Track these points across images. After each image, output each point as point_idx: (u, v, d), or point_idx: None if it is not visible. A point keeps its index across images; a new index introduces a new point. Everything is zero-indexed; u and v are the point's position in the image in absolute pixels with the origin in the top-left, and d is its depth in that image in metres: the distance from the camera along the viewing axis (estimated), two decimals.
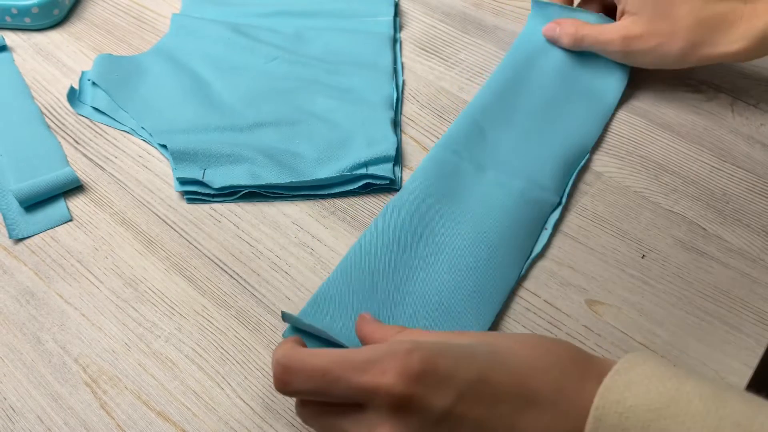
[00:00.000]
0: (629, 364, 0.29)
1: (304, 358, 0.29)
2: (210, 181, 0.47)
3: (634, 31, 0.50)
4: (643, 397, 0.27)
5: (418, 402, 0.27)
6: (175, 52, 0.57)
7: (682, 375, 0.28)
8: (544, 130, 0.51)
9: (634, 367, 0.29)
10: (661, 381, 0.28)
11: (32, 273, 0.43)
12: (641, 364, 0.29)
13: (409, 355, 0.27)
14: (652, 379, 0.28)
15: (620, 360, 0.29)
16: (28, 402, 0.38)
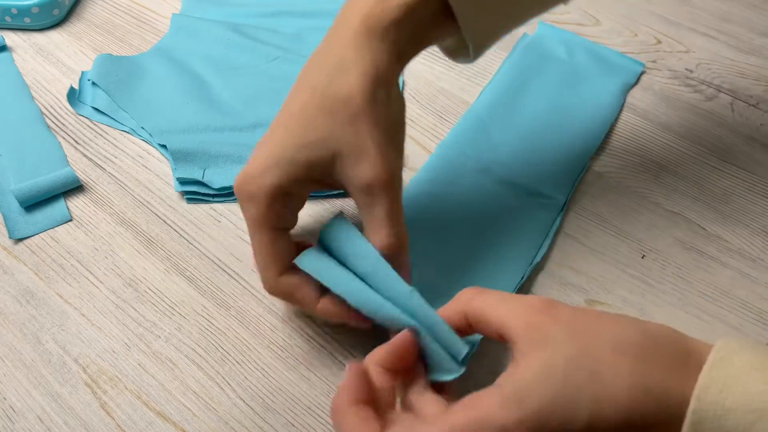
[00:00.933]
0: (724, 355, 0.27)
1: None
2: (210, 181, 0.47)
3: None
4: (742, 397, 0.25)
5: None
6: (175, 52, 0.57)
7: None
8: (549, 134, 0.51)
9: (730, 360, 0.27)
10: (762, 376, 0.26)
11: (32, 273, 0.43)
12: (737, 354, 0.27)
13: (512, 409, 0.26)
14: (751, 375, 0.26)
15: (713, 349, 0.27)
16: (27, 402, 0.38)
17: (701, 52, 0.60)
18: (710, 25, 0.63)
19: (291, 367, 0.39)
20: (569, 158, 0.49)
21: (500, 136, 0.51)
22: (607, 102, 0.54)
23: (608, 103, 0.54)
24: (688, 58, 0.60)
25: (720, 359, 0.27)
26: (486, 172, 0.48)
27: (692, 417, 0.26)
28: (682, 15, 0.64)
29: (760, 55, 0.60)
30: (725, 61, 0.59)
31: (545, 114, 0.53)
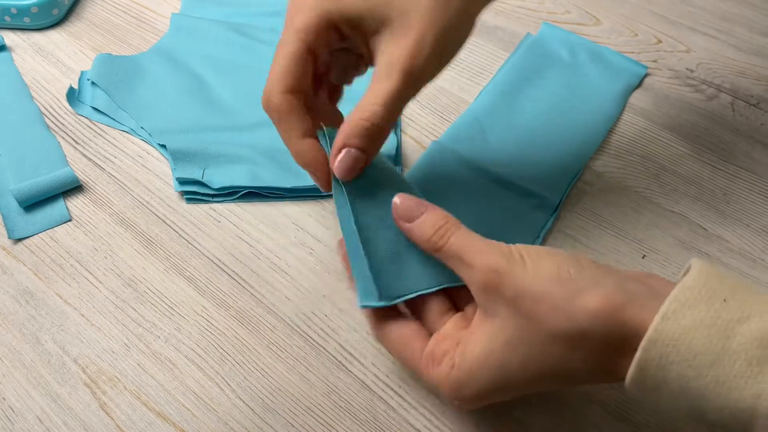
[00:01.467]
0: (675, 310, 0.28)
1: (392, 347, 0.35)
2: (209, 182, 0.47)
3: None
4: (685, 354, 0.27)
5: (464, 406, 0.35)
6: (174, 52, 0.57)
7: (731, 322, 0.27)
8: (547, 135, 0.51)
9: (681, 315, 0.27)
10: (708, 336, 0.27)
11: (31, 273, 0.43)
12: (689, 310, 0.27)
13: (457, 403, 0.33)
14: (698, 332, 0.27)
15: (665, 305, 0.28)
16: (27, 402, 0.38)
17: (702, 51, 0.60)
18: (711, 25, 0.63)
19: (291, 367, 0.39)
20: (566, 160, 0.49)
21: (496, 136, 0.51)
22: (608, 104, 0.54)
23: (609, 106, 0.54)
24: (688, 57, 0.60)
25: (671, 311, 0.27)
26: (479, 171, 0.48)
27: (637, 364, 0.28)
28: (682, 15, 0.64)
29: (761, 54, 0.60)
30: (726, 60, 0.59)
31: (544, 115, 0.53)
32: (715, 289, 0.28)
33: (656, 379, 0.27)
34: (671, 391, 0.27)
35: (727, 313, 0.27)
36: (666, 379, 0.27)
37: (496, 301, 0.31)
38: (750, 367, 0.26)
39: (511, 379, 0.31)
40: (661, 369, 0.27)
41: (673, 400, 0.28)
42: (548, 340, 0.30)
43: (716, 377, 0.26)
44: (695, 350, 0.27)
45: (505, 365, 0.31)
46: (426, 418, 0.37)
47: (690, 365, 0.27)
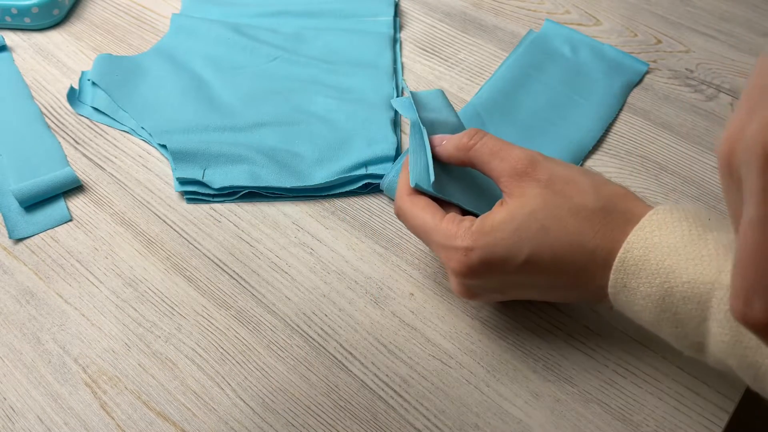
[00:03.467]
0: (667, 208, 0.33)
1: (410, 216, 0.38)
2: (210, 182, 0.47)
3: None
4: (666, 236, 0.32)
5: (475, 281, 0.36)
6: (174, 52, 0.57)
7: (711, 226, 0.32)
8: (546, 129, 0.51)
9: (670, 211, 0.33)
10: (689, 227, 0.32)
11: (32, 273, 0.43)
12: (678, 210, 0.33)
13: (467, 254, 0.35)
14: (681, 223, 0.32)
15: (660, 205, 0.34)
16: (27, 402, 0.38)
17: (701, 52, 0.60)
18: (710, 25, 0.63)
19: (291, 367, 0.39)
20: (565, 153, 0.49)
21: (497, 130, 0.51)
22: (607, 100, 0.54)
23: (608, 102, 0.54)
24: (688, 58, 0.60)
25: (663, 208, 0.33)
26: None
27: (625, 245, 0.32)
28: (682, 15, 0.64)
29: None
30: (725, 60, 0.59)
31: (543, 110, 0.53)
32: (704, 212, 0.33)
33: (638, 260, 0.32)
34: (648, 272, 0.31)
35: (708, 223, 0.32)
36: (646, 260, 0.32)
37: (529, 184, 0.35)
38: (717, 251, 0.30)
39: (525, 242, 0.34)
40: (645, 249, 0.32)
41: (648, 282, 0.31)
42: (572, 212, 0.34)
43: (688, 255, 0.31)
44: (675, 234, 0.32)
45: (523, 228, 0.34)
46: (426, 417, 0.37)
47: (667, 245, 0.31)
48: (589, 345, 0.40)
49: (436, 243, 0.37)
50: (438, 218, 0.37)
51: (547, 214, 0.34)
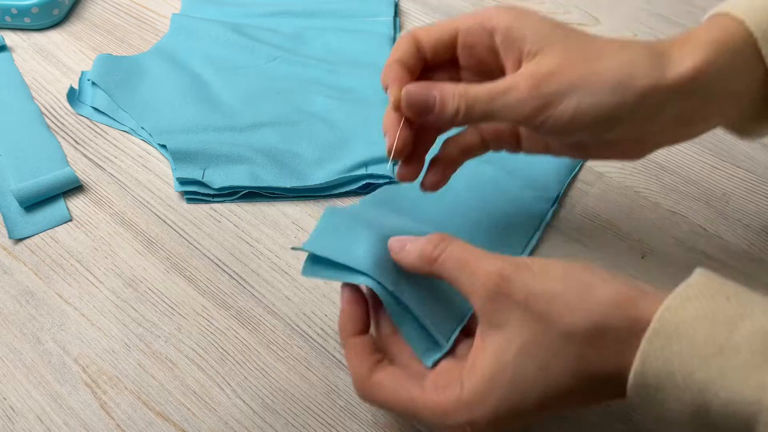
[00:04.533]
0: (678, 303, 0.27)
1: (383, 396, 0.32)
2: (210, 182, 0.47)
3: (544, 66, 0.32)
4: (688, 345, 0.26)
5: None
6: (175, 52, 0.57)
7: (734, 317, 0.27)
8: None
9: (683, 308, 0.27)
10: (711, 327, 0.26)
11: (32, 273, 0.43)
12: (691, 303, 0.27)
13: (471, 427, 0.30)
14: (701, 324, 0.27)
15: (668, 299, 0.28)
16: (27, 402, 0.38)
17: None
18: None
19: (291, 367, 0.39)
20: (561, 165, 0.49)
21: None
22: None
23: None
24: None
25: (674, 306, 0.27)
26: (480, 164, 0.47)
27: (640, 357, 0.27)
28: (682, 15, 0.64)
29: None
30: None
31: None
32: (717, 289, 0.28)
33: (659, 373, 0.27)
34: (675, 386, 0.26)
35: (730, 309, 0.27)
36: (670, 372, 0.26)
37: (506, 307, 0.30)
38: (754, 358, 0.25)
39: (528, 392, 0.29)
40: (665, 361, 0.27)
41: (677, 398, 0.27)
42: (565, 340, 0.29)
43: (720, 368, 0.26)
44: (699, 341, 0.26)
45: (520, 377, 0.29)
46: None
47: (694, 355, 0.26)
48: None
49: (427, 424, 0.32)
50: (415, 392, 0.31)
51: (539, 348, 0.29)
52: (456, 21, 0.35)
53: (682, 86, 0.32)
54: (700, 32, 0.33)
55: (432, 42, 0.36)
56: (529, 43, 0.33)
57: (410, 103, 0.34)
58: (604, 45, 0.33)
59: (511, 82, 0.32)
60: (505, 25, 0.33)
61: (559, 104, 0.32)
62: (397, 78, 0.35)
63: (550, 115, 0.32)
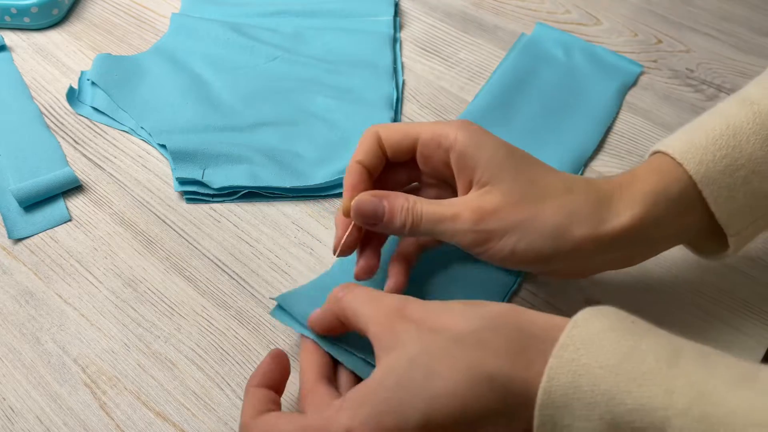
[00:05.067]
0: (587, 317, 0.28)
1: None
2: (209, 182, 0.47)
3: (488, 202, 0.34)
4: (595, 355, 0.26)
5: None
6: (174, 52, 0.57)
7: (639, 332, 0.27)
8: (544, 136, 0.51)
9: (591, 321, 0.28)
10: (617, 338, 0.27)
11: (31, 273, 0.43)
12: (598, 319, 0.28)
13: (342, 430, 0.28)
14: (608, 335, 0.27)
15: (576, 315, 0.28)
16: (27, 402, 0.38)
17: (702, 51, 0.60)
18: (711, 25, 0.63)
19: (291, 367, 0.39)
20: (565, 161, 0.49)
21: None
22: (604, 104, 0.54)
23: (605, 105, 0.54)
24: (688, 57, 0.60)
25: (582, 320, 0.28)
26: None
27: (549, 372, 0.27)
28: (682, 14, 0.64)
29: (761, 54, 0.60)
30: (726, 60, 0.59)
31: (541, 116, 0.53)
32: (624, 315, 0.29)
33: (567, 390, 0.26)
34: (583, 399, 0.26)
35: (634, 328, 0.28)
36: (577, 386, 0.26)
37: (401, 329, 0.30)
38: (659, 365, 0.26)
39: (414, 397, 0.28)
40: (573, 374, 0.26)
41: (586, 414, 0.26)
42: (456, 343, 0.29)
43: (626, 374, 0.26)
44: (605, 350, 0.26)
45: (404, 382, 0.28)
46: None
47: (600, 365, 0.26)
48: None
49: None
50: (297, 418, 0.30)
51: (430, 355, 0.28)
52: (417, 129, 0.37)
53: (618, 238, 0.34)
54: (642, 177, 0.35)
55: (393, 145, 0.38)
56: (480, 172, 0.35)
57: (359, 213, 0.36)
58: (550, 186, 0.35)
59: (457, 211, 0.34)
60: (461, 148, 0.35)
61: (498, 241, 0.34)
62: (351, 185, 0.37)
63: (489, 249, 0.34)
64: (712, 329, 0.41)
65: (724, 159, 0.34)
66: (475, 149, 0.35)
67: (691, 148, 0.35)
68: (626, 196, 0.34)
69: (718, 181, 0.34)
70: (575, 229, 0.33)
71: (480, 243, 0.34)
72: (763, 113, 0.35)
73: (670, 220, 0.35)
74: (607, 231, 0.34)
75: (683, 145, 0.35)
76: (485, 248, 0.34)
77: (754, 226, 0.35)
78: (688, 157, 0.34)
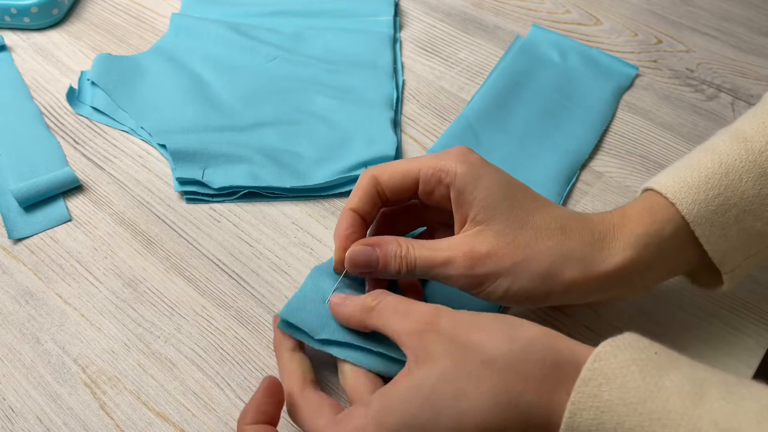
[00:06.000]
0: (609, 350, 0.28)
1: None
2: (209, 181, 0.47)
3: (481, 246, 0.34)
4: (618, 391, 0.26)
5: None
6: (174, 52, 0.57)
7: (663, 366, 0.27)
8: (539, 139, 0.51)
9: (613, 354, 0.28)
10: (640, 373, 0.27)
11: (31, 273, 0.43)
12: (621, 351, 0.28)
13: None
14: (631, 370, 0.27)
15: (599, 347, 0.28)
16: (27, 402, 0.38)
17: (702, 51, 0.60)
18: (711, 25, 0.63)
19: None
20: (560, 164, 0.49)
21: (490, 141, 0.51)
22: (600, 106, 0.54)
23: (601, 108, 0.54)
24: (688, 57, 0.60)
25: (604, 352, 0.28)
26: None
27: (571, 407, 0.27)
28: (682, 14, 0.64)
29: (761, 54, 0.60)
30: (726, 60, 0.59)
31: (537, 118, 0.53)
32: (646, 345, 0.28)
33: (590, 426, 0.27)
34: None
35: (658, 360, 0.27)
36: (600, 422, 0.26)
37: (432, 341, 0.30)
38: (683, 403, 0.26)
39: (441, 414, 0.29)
40: (596, 411, 0.26)
41: None
42: (486, 365, 0.29)
43: (650, 413, 0.26)
44: (628, 387, 0.26)
45: (434, 398, 0.29)
46: None
47: (623, 402, 0.26)
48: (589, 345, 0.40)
49: None
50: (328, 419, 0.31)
51: (460, 373, 0.29)
52: (416, 167, 0.36)
53: (610, 279, 0.34)
54: (635, 217, 0.35)
55: (393, 188, 0.37)
56: (476, 210, 0.35)
57: (353, 264, 0.36)
58: (543, 226, 0.35)
59: (450, 255, 0.34)
60: (460, 184, 0.35)
61: (491, 284, 0.34)
62: (342, 233, 0.37)
63: (483, 291, 0.35)
64: (712, 329, 0.41)
65: (717, 198, 0.34)
66: (473, 186, 0.35)
67: (684, 187, 0.35)
68: (620, 238, 0.35)
69: (711, 220, 0.34)
70: (567, 272, 0.34)
71: (474, 286, 0.34)
72: (755, 151, 0.35)
73: (663, 260, 0.35)
74: (598, 273, 0.34)
75: (676, 184, 0.35)
76: (479, 290, 0.35)
77: (747, 263, 0.36)
78: (680, 197, 0.34)
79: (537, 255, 0.34)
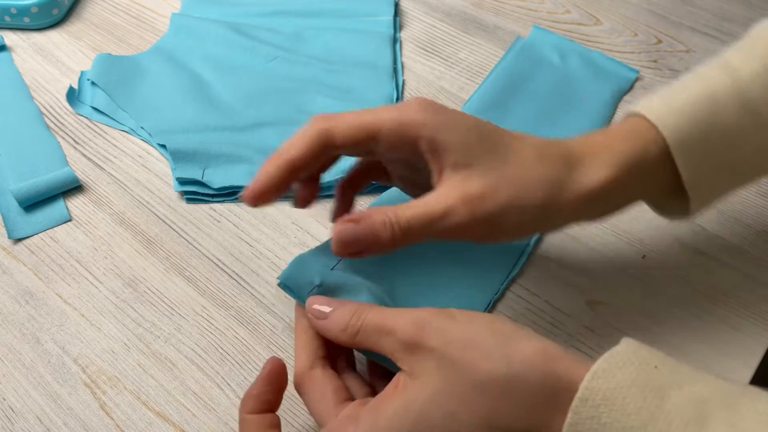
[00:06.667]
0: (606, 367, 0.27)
1: None
2: (209, 181, 0.47)
3: (473, 188, 0.32)
4: (618, 414, 0.25)
5: None
6: (174, 52, 0.57)
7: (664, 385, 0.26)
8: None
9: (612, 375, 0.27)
10: (641, 394, 0.26)
11: (31, 273, 0.43)
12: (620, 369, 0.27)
13: None
14: (631, 391, 0.26)
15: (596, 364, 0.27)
16: (27, 402, 0.38)
17: (702, 51, 0.60)
18: (711, 25, 0.63)
19: (290, 367, 0.39)
20: None
21: None
22: (598, 109, 0.54)
23: (599, 111, 0.54)
24: (688, 57, 0.60)
25: (602, 370, 0.27)
26: None
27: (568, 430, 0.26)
28: (682, 14, 0.64)
29: None
30: None
31: (535, 120, 0.52)
32: (645, 358, 0.27)
33: None
34: None
35: (658, 378, 0.26)
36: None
37: (422, 357, 0.29)
38: (686, 427, 0.25)
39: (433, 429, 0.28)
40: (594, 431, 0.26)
41: None
42: (479, 389, 0.28)
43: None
44: (628, 410, 0.25)
45: (423, 421, 0.28)
46: None
47: (623, 427, 0.25)
48: (589, 345, 0.40)
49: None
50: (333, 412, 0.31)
51: (451, 395, 0.28)
52: (374, 119, 0.33)
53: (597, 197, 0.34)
54: (616, 137, 0.35)
55: (348, 142, 0.34)
56: (455, 155, 0.33)
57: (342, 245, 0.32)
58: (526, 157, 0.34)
59: (448, 205, 0.32)
60: (431, 134, 0.33)
61: (497, 222, 0.32)
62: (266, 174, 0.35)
63: (491, 233, 0.33)
64: (712, 329, 0.41)
65: (700, 124, 0.34)
66: (445, 133, 0.33)
67: (670, 110, 0.35)
68: (600, 158, 0.34)
69: (692, 148, 0.34)
70: (562, 195, 0.33)
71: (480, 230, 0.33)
72: (741, 79, 0.35)
73: (642, 181, 0.35)
74: (586, 191, 0.33)
75: (661, 108, 0.35)
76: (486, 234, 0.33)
77: (716, 194, 0.36)
78: (663, 119, 0.34)
79: (530, 185, 0.33)
